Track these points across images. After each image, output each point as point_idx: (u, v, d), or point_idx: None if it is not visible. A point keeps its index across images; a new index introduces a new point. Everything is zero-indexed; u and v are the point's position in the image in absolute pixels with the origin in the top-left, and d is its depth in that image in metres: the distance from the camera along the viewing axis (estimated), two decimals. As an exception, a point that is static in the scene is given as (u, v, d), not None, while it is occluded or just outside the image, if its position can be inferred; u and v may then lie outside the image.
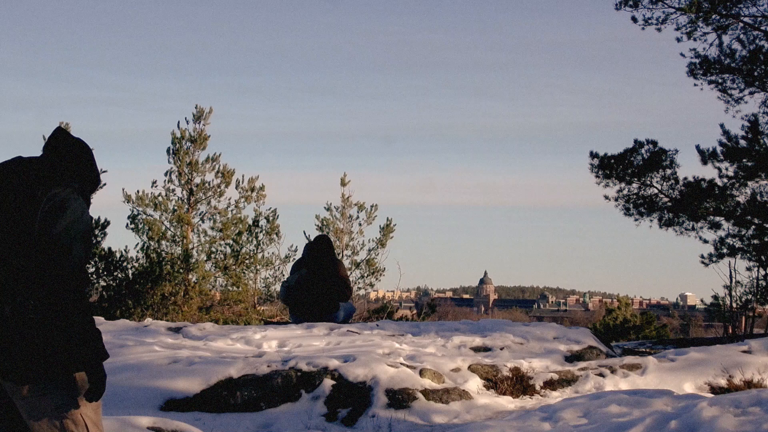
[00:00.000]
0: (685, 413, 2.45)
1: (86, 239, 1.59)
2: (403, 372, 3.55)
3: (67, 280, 1.54)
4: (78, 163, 1.73)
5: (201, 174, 9.22)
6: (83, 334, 1.55)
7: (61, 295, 1.53)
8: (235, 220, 9.12)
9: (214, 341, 4.20)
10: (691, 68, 8.25)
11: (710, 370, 3.92)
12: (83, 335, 1.55)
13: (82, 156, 1.75)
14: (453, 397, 3.44)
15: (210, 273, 8.80)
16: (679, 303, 72.27)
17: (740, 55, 7.93)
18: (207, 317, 8.28)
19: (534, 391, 3.71)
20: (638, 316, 15.52)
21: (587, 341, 4.58)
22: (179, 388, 3.26)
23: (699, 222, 8.74)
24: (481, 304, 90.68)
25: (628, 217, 9.02)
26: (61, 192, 1.60)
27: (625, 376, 3.87)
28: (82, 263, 1.58)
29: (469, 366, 3.80)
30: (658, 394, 3.16)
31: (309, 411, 3.26)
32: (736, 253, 8.58)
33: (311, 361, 3.56)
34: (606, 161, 8.80)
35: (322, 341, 4.20)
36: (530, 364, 3.95)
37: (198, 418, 3.14)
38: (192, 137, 9.25)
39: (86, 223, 1.61)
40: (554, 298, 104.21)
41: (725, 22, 7.85)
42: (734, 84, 8.13)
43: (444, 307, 30.90)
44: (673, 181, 8.73)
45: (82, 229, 1.58)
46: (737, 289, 7.19)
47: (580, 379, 3.83)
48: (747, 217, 8.47)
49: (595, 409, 2.95)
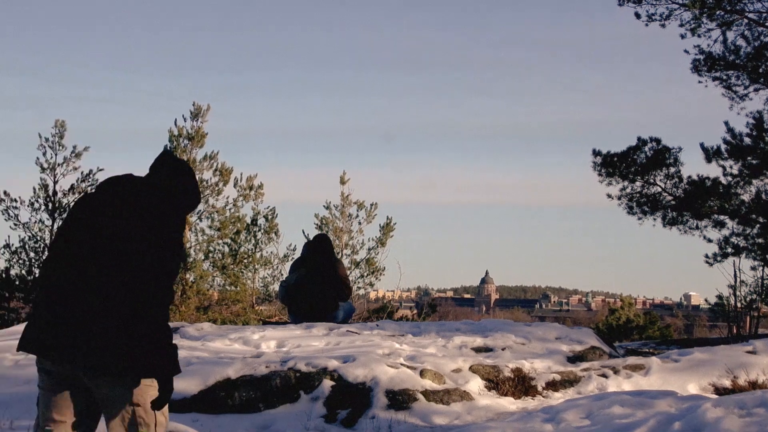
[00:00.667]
0: (689, 414, 2.43)
1: (181, 257, 1.81)
2: (404, 373, 3.53)
3: (160, 289, 1.66)
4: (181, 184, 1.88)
5: (199, 172, 9.20)
6: (164, 344, 1.66)
7: (151, 302, 1.64)
8: (233, 218, 9.09)
9: (212, 341, 4.18)
10: (695, 65, 8.17)
11: (714, 370, 3.90)
12: (164, 346, 1.66)
13: (186, 179, 1.91)
14: (454, 398, 3.42)
15: (208, 272, 8.78)
16: (682, 303, 72.14)
17: (745, 51, 7.85)
18: (205, 317, 8.25)
19: (536, 392, 3.68)
20: (641, 316, 15.48)
21: (590, 342, 4.55)
22: (176, 388, 3.15)
23: (703, 221, 8.67)
24: (482, 304, 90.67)
25: (632, 216, 8.96)
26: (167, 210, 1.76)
27: (629, 376, 3.84)
28: (174, 277, 1.73)
29: (470, 367, 3.78)
30: (661, 395, 3.14)
31: (308, 412, 3.23)
32: (740, 252, 8.51)
33: (310, 361, 3.54)
34: (609, 159, 8.74)
35: (321, 341, 4.18)
36: (532, 364, 3.92)
37: (196, 419, 3.11)
38: (189, 135, 9.23)
39: (182, 243, 1.80)
40: (556, 298, 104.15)
41: (730, 18, 7.78)
42: (739, 81, 8.05)
43: (445, 307, 30.85)
44: (676, 179, 8.66)
45: (179, 247, 1.75)
46: (742, 289, 7.11)
47: (582, 379, 3.80)
48: (752, 216, 8.40)
49: (598, 410, 2.93)
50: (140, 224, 1.71)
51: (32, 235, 9.33)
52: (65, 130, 9.52)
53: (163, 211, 1.76)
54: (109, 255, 1.67)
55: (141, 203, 1.76)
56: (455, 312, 35.87)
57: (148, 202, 1.76)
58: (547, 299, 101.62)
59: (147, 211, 1.74)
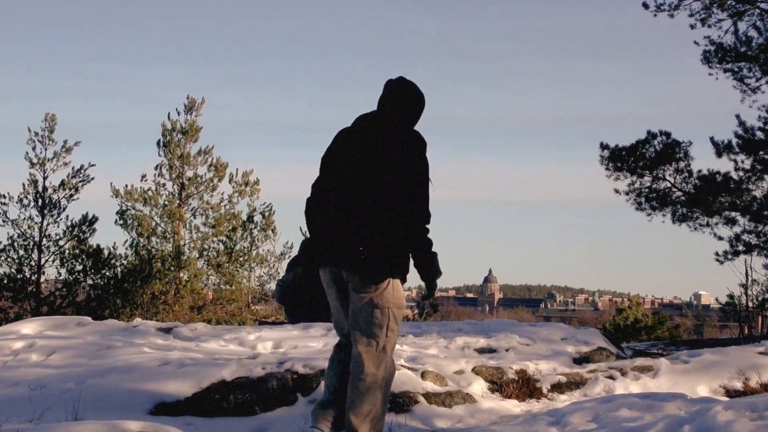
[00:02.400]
0: (699, 417, 2.37)
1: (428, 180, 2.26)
2: (404, 374, 3.45)
3: (425, 210, 2.21)
4: (419, 110, 2.34)
5: (193, 167, 9.14)
6: (433, 253, 2.24)
7: (421, 221, 2.20)
8: (229, 215, 9.03)
9: (207, 342, 4.14)
10: (705, 56, 8.00)
11: (725, 372, 3.84)
12: (433, 254, 2.24)
13: (419, 103, 2.35)
14: (456, 401, 3.35)
15: (202, 271, 8.72)
16: (692, 302, 71.73)
17: (757, 42, 7.68)
18: (199, 317, 8.20)
19: (541, 395, 3.62)
20: (650, 316, 15.31)
21: (596, 342, 4.49)
22: (170, 391, 3.17)
23: (714, 217, 8.52)
24: (485, 304, 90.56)
25: (640, 212, 8.84)
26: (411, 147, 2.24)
27: (637, 378, 3.79)
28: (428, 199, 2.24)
29: (473, 368, 3.72)
30: (670, 397, 3.07)
31: (305, 415, 3.14)
32: (752, 250, 8.35)
33: (308, 362, 3.47)
34: (617, 153, 8.59)
35: (319, 342, 4.13)
36: (537, 366, 3.87)
37: (189, 422, 3.04)
38: (183, 129, 9.15)
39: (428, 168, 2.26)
40: (562, 297, 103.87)
41: (741, 8, 7.62)
42: (751, 72, 7.89)
43: (447, 307, 30.82)
44: (686, 174, 8.51)
45: (428, 177, 2.24)
46: (753, 288, 6.98)
47: (589, 381, 3.74)
48: (764, 213, 8.23)
49: (605, 413, 2.87)
50: (400, 159, 2.18)
51: (21, 233, 9.14)
52: (55, 125, 9.38)
53: (413, 145, 2.24)
54: (380, 187, 2.18)
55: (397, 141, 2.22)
56: (457, 312, 35.82)
57: (402, 140, 2.23)
58: (552, 299, 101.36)
59: (403, 146, 2.22)
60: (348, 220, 2.21)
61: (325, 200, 2.29)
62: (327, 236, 2.27)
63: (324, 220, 2.28)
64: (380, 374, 2.26)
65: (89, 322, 4.59)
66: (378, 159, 2.20)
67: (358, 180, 2.21)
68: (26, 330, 4.31)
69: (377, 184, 2.18)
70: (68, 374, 3.25)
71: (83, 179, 9.14)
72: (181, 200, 9.05)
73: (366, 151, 2.22)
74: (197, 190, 8.91)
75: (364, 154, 2.22)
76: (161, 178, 8.99)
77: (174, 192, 9.01)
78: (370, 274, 2.19)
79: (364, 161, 2.21)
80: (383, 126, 2.26)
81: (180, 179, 8.95)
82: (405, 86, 2.31)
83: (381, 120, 2.27)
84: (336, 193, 2.25)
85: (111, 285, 8.05)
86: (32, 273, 8.96)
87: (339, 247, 2.22)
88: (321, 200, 2.30)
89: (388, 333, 2.27)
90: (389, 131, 2.24)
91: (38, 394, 2.99)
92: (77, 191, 9.13)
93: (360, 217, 2.19)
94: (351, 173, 2.22)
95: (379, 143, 2.22)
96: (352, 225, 2.20)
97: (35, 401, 2.90)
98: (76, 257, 8.74)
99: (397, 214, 2.17)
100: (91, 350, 3.72)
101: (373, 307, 2.23)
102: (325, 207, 2.28)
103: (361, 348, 2.26)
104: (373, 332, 2.25)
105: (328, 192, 2.28)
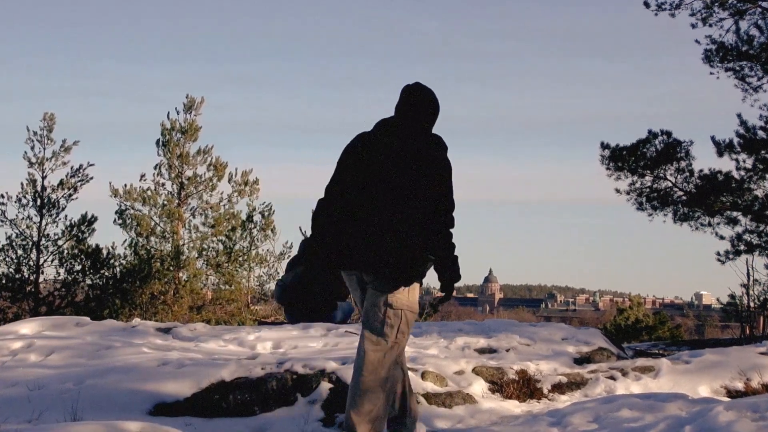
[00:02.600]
0: (700, 418, 2.36)
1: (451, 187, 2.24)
2: (403, 374, 3.42)
3: (447, 219, 2.19)
4: (436, 115, 2.32)
5: (192, 167, 9.12)
6: (455, 258, 2.25)
7: (445, 225, 2.20)
8: (228, 215, 9.02)
9: (206, 343, 4.12)
10: (707, 55, 7.98)
11: (726, 372, 3.82)
12: (455, 259, 2.25)
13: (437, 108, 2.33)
14: (456, 401, 3.34)
15: (201, 271, 8.71)
16: (693, 302, 71.67)
17: (758, 41, 7.67)
18: (198, 317, 8.19)
19: (541, 395, 3.60)
20: (651, 316, 15.29)
21: (597, 342, 4.47)
22: (169, 391, 3.16)
23: (715, 217, 8.49)
24: (485, 304, 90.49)
25: (641, 212, 8.81)
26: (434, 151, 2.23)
27: (638, 379, 3.77)
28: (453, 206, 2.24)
29: (474, 368, 3.70)
30: (671, 397, 3.06)
31: (305, 415, 3.14)
32: (754, 249, 8.33)
33: (308, 363, 3.46)
34: (617, 152, 8.57)
35: (319, 342, 4.11)
36: (537, 366, 3.85)
37: (189, 423, 3.03)
38: (182, 128, 9.14)
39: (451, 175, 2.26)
40: (563, 298, 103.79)
41: (743, 6, 7.60)
42: (752, 72, 7.87)
43: (447, 307, 30.72)
44: (687, 173, 8.49)
45: (451, 180, 2.24)
46: (755, 288, 6.95)
47: (589, 382, 3.73)
48: (766, 212, 8.20)
49: (606, 413, 2.86)
50: (419, 168, 2.17)
51: (20, 232, 9.09)
52: (54, 124, 9.32)
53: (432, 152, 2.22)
54: (403, 193, 2.17)
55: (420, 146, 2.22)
56: (458, 312, 35.77)
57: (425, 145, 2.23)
58: (553, 299, 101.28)
59: (427, 151, 2.22)
60: (370, 226, 2.19)
61: (338, 204, 2.26)
62: (346, 241, 2.25)
63: (333, 222, 2.25)
64: (385, 375, 2.24)
65: (88, 322, 4.57)
66: (402, 164, 2.18)
67: (380, 185, 2.19)
68: (25, 330, 4.30)
69: (401, 189, 2.16)
70: (67, 374, 3.24)
71: (82, 179, 9.12)
72: (181, 200, 9.04)
73: (389, 156, 2.20)
74: (196, 189, 8.90)
75: (387, 160, 2.20)
76: (160, 178, 9.00)
77: (173, 192, 9.01)
78: (393, 279, 2.20)
79: (388, 166, 2.19)
80: (405, 131, 2.23)
81: (179, 179, 8.94)
82: (423, 92, 2.30)
83: (403, 125, 2.25)
84: (354, 198, 2.23)
85: (110, 285, 8.04)
86: (31, 273, 8.94)
87: (361, 251, 2.21)
88: (334, 203, 2.27)
89: (398, 335, 2.26)
90: (411, 136, 2.22)
91: (37, 394, 2.98)
92: (76, 191, 9.12)
93: (383, 222, 2.18)
94: (373, 179, 2.20)
95: (403, 148, 2.20)
96: (374, 231, 2.19)
97: (34, 401, 2.89)
98: (74, 257, 8.72)
99: (421, 220, 2.16)
100: (90, 350, 3.71)
101: (387, 307, 2.23)
102: (338, 210, 2.25)
103: (369, 346, 2.25)
104: (383, 331, 2.24)
105: (342, 196, 2.25)
